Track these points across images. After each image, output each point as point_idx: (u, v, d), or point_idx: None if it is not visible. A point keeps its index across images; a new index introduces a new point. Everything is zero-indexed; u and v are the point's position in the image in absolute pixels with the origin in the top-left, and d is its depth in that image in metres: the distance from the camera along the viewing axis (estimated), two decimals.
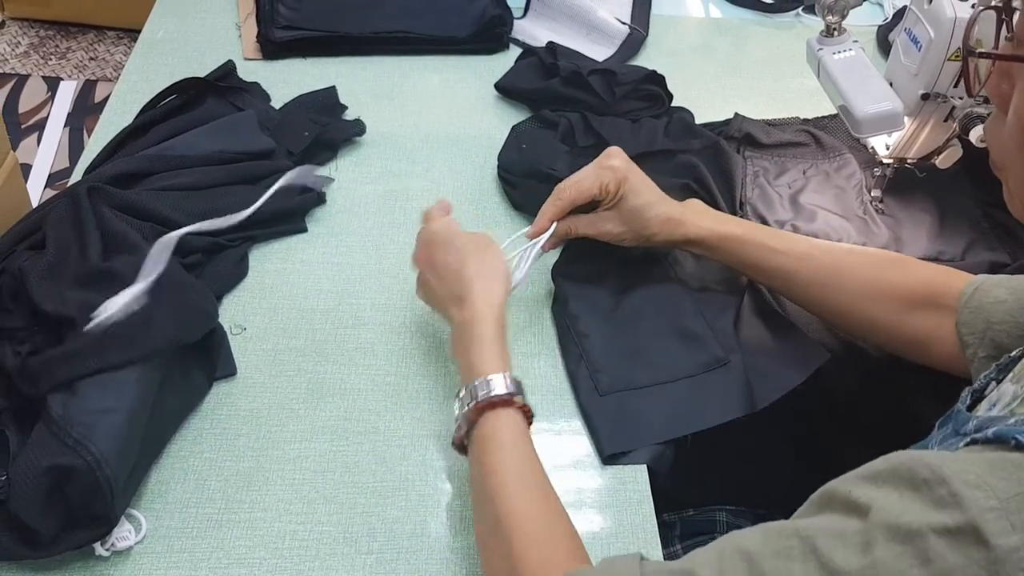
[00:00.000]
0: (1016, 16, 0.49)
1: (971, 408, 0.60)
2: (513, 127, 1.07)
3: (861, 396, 0.93)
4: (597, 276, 0.91)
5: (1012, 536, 0.40)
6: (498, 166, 1.04)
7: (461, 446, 0.69)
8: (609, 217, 0.86)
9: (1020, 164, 0.51)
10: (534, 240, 0.86)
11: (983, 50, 0.53)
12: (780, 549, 0.47)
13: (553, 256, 0.92)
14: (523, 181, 1.00)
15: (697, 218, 0.85)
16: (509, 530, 0.60)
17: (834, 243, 0.89)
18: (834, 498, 0.48)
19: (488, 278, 0.74)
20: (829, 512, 0.48)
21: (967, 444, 0.48)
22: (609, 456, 0.78)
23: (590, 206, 0.88)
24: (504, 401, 0.67)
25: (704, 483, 0.96)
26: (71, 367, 0.68)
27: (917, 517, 0.43)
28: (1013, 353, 0.61)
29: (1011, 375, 0.57)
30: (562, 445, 0.79)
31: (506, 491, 0.63)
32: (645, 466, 0.78)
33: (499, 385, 0.67)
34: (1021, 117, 0.49)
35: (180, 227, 0.87)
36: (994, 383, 0.60)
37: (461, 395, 0.68)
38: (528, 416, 0.69)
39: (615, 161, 0.85)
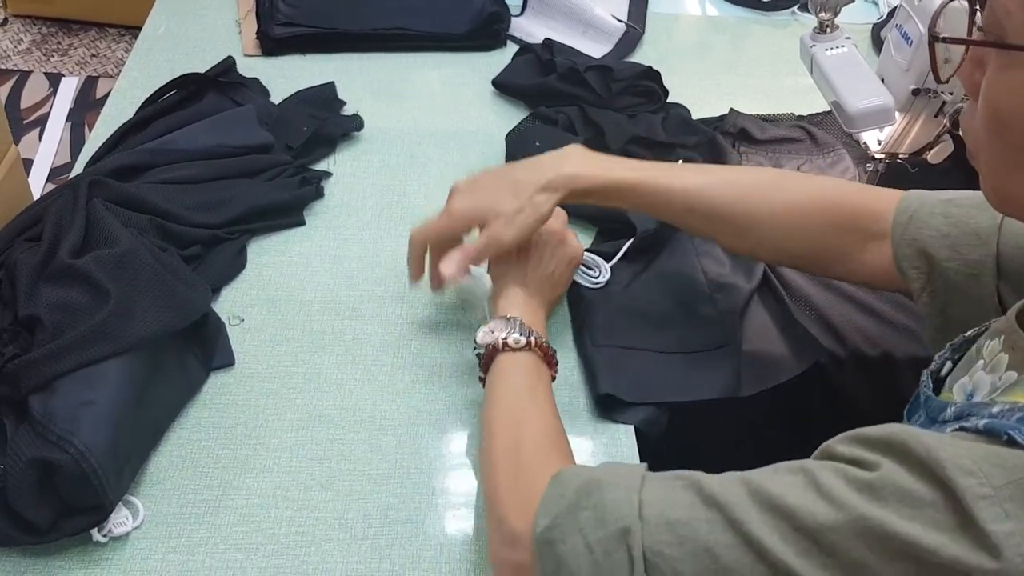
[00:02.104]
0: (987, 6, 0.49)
1: (936, 392, 0.60)
2: (507, 136, 1.08)
3: (863, 397, 0.94)
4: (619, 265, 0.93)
5: (1006, 523, 0.41)
6: None
7: (494, 353, 0.74)
8: (498, 232, 0.79)
9: (991, 151, 0.51)
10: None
11: (948, 35, 0.53)
12: (784, 479, 0.49)
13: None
14: None
15: (569, 173, 0.79)
16: (523, 431, 0.68)
17: (720, 171, 0.86)
18: (834, 455, 0.49)
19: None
20: (832, 462, 0.49)
21: (955, 431, 0.48)
22: (604, 407, 0.80)
23: None
24: (553, 364, 0.77)
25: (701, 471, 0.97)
26: (49, 368, 0.68)
27: (917, 487, 0.44)
28: (968, 333, 0.61)
29: (982, 363, 0.57)
30: None
31: (540, 406, 0.71)
32: (637, 459, 0.79)
33: (553, 353, 0.76)
34: (990, 103, 0.49)
35: (179, 220, 0.88)
36: (950, 363, 0.61)
37: (521, 323, 0.75)
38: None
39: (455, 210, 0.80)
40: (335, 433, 0.78)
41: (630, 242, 0.93)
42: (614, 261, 0.92)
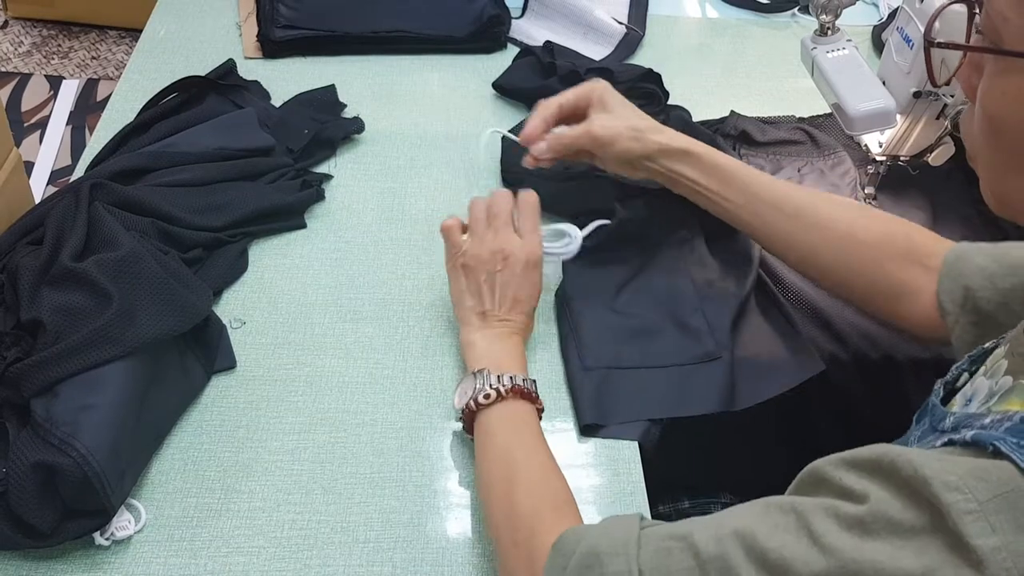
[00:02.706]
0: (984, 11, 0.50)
1: (945, 401, 0.60)
2: (503, 137, 1.08)
3: (864, 399, 0.94)
4: (604, 264, 0.93)
5: (992, 537, 0.41)
6: (503, 172, 1.04)
7: (472, 416, 0.73)
8: (595, 118, 0.86)
9: (988, 155, 0.52)
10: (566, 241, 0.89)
11: (944, 39, 0.53)
12: (777, 523, 0.48)
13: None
14: (534, 180, 1.01)
15: (678, 134, 0.86)
16: (515, 495, 0.66)
17: (812, 190, 0.88)
18: (824, 482, 0.49)
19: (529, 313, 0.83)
20: (822, 495, 0.49)
21: (944, 444, 0.49)
22: (588, 427, 0.80)
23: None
24: (533, 397, 0.75)
25: (702, 473, 0.97)
26: (51, 371, 0.69)
27: (906, 515, 0.44)
28: (986, 345, 0.62)
29: (983, 368, 0.57)
30: (555, 440, 0.80)
31: (522, 462, 0.69)
32: (639, 462, 0.79)
33: (530, 384, 0.75)
34: (986, 107, 0.50)
35: (180, 223, 0.89)
36: (966, 375, 0.61)
37: (487, 374, 0.74)
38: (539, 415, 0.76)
39: (594, 81, 0.89)
40: (337, 436, 0.78)
41: (606, 221, 0.91)
42: (587, 231, 0.89)
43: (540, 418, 0.75)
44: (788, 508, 0.49)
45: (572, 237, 0.88)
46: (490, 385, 0.73)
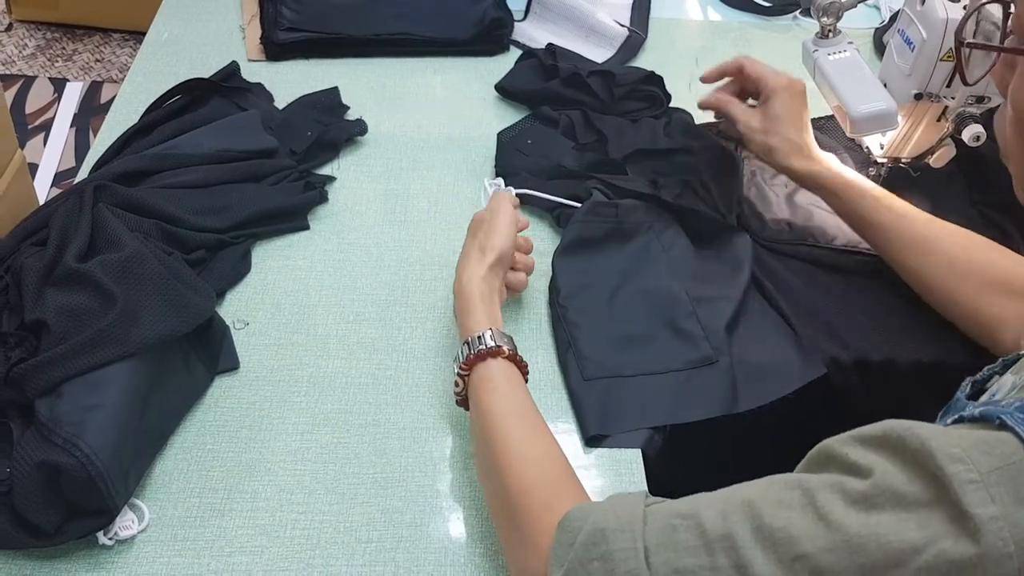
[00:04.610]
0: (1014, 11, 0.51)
1: (972, 398, 0.61)
2: (499, 133, 1.08)
3: (866, 402, 0.94)
4: (595, 269, 0.92)
5: (991, 507, 0.42)
6: (496, 167, 1.05)
7: (464, 402, 0.75)
8: (755, 113, 0.96)
9: (1019, 153, 0.53)
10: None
11: (972, 40, 0.54)
12: (783, 499, 0.49)
13: (553, 246, 0.95)
14: (523, 179, 1.01)
15: (828, 160, 0.92)
16: (505, 468, 0.65)
17: (935, 217, 0.91)
18: (832, 458, 0.50)
19: (476, 249, 0.81)
20: (829, 471, 0.50)
21: (954, 421, 0.50)
22: (592, 438, 0.80)
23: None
24: (492, 352, 0.73)
25: (703, 479, 0.97)
26: (56, 372, 0.69)
27: (911, 488, 0.45)
28: (1022, 351, 0.62)
29: (1014, 368, 0.58)
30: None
31: (501, 431, 0.68)
32: (643, 466, 0.79)
33: (487, 339, 0.73)
34: (1015, 105, 0.51)
35: (184, 224, 0.89)
36: (997, 376, 0.62)
37: (456, 356, 0.75)
38: (522, 368, 0.75)
39: (788, 76, 0.95)
40: (339, 437, 0.79)
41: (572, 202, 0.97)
42: (520, 190, 0.93)
43: (524, 371, 0.75)
44: (794, 485, 0.50)
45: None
46: (456, 370, 0.74)
